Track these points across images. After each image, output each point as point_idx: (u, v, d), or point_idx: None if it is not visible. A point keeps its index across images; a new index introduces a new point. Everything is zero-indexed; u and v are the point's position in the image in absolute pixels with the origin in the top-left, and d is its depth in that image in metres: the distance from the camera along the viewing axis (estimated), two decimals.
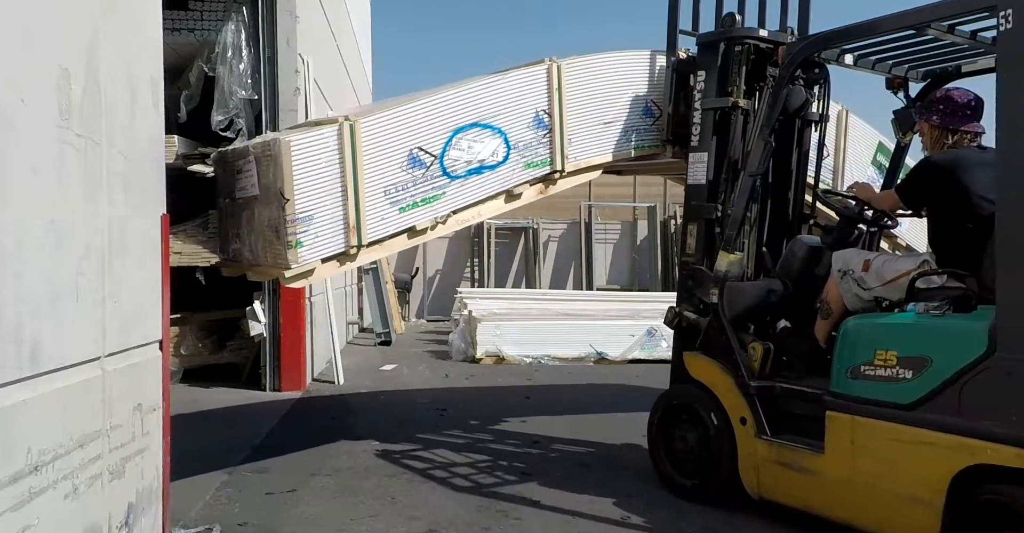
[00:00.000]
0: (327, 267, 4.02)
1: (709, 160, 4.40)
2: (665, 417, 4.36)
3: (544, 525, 3.78)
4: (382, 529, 3.72)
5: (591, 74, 4.67)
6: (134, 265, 2.89)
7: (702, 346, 4.17)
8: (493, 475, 4.60)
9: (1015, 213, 2.93)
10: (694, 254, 4.42)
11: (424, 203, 4.20)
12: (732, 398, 3.92)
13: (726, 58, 4.37)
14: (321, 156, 3.89)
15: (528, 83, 4.49)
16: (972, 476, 2.96)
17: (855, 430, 3.37)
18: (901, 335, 3.31)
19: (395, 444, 5.35)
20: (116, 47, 2.73)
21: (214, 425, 6.01)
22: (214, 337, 8.12)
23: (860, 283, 3.67)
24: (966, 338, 3.06)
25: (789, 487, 3.67)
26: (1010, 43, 2.96)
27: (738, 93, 4.35)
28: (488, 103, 4.37)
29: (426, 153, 4.17)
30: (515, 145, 4.44)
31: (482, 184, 4.37)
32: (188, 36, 7.29)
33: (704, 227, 4.40)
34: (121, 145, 2.75)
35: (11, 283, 2.07)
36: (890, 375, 3.28)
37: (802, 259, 4.15)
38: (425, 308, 16.34)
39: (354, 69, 12.83)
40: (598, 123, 4.67)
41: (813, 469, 3.53)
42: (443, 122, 4.24)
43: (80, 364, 2.46)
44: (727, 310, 4.06)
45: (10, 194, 2.07)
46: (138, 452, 2.89)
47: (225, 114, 7.11)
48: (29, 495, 2.13)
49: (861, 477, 3.34)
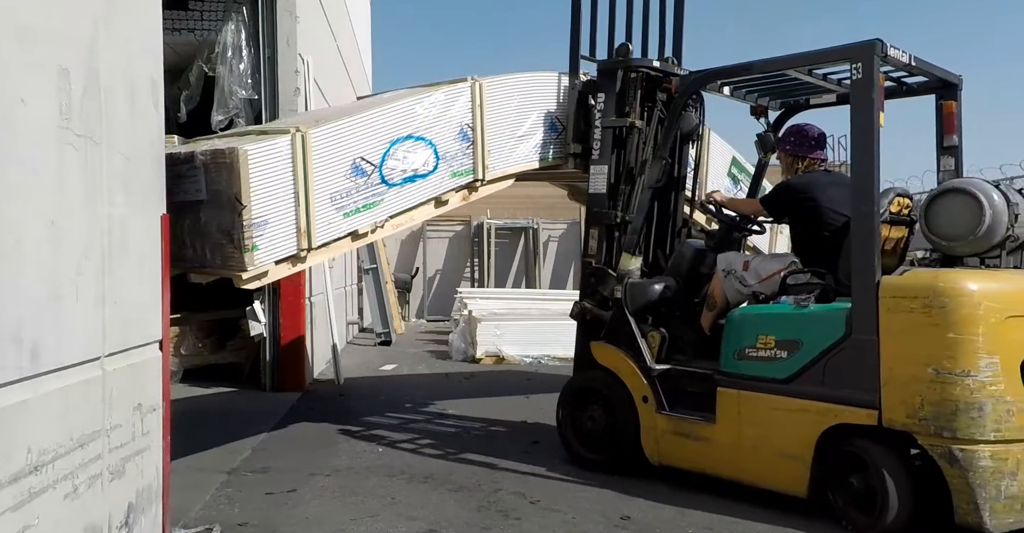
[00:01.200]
0: (280, 268, 4.26)
1: (609, 172, 4.99)
2: (573, 400, 4.90)
3: (544, 525, 3.78)
4: (382, 529, 3.72)
5: (508, 92, 5.16)
6: (134, 265, 2.89)
7: (607, 336, 4.74)
8: (493, 475, 4.60)
9: (863, 224, 3.76)
10: (596, 255, 4.98)
11: (365, 209, 4.52)
12: (635, 380, 4.53)
13: (624, 83, 4.98)
14: (276, 164, 4.12)
15: (455, 99, 4.91)
16: (833, 434, 3.71)
17: (741, 402, 4.07)
18: (778, 322, 4.02)
19: (395, 444, 5.35)
20: (116, 47, 2.73)
21: (214, 425, 6.00)
22: (214, 337, 8.12)
23: (741, 281, 4.43)
24: (829, 324, 3.81)
25: (685, 453, 4.32)
26: (859, 89, 3.83)
27: (634, 114, 4.97)
28: (421, 117, 4.75)
29: (367, 162, 4.50)
30: (443, 156, 4.84)
31: (415, 191, 4.75)
32: (188, 36, 7.29)
33: (605, 231, 4.98)
34: (121, 145, 2.75)
35: (11, 283, 2.07)
36: (769, 355, 4.00)
37: (690, 259, 4.88)
38: (425, 308, 16.34)
39: (354, 69, 12.83)
40: (513, 136, 5.17)
41: (706, 437, 4.20)
42: (383, 133, 4.58)
43: (80, 364, 2.46)
44: (630, 304, 4.65)
45: (10, 194, 2.07)
46: (138, 452, 2.89)
47: (225, 114, 7.11)
48: (29, 495, 2.13)
49: (747, 441, 4.03)
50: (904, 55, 4.00)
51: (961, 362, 3.41)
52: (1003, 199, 3.83)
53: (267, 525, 3.76)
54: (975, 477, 3.35)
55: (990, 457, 3.36)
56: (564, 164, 5.40)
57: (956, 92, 4.48)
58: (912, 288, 3.58)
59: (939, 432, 3.43)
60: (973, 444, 3.37)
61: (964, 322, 3.42)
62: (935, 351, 3.46)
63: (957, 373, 3.40)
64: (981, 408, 3.38)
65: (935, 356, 3.46)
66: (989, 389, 3.39)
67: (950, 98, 4.46)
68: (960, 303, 3.44)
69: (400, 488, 4.34)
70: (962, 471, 3.37)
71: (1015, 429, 3.41)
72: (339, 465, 4.81)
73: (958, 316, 3.43)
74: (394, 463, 4.86)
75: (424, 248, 16.58)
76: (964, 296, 3.45)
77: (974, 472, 3.35)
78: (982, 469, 3.35)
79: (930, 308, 3.48)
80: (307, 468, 4.73)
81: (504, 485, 4.41)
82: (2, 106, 2.04)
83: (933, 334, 3.47)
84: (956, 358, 3.42)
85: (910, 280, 3.67)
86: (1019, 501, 3.41)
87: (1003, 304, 3.50)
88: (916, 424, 3.48)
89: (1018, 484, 3.40)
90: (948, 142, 4.48)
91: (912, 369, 3.51)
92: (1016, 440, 3.42)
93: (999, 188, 3.89)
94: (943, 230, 3.93)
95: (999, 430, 3.38)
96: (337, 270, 10.11)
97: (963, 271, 3.84)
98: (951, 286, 3.49)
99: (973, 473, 3.35)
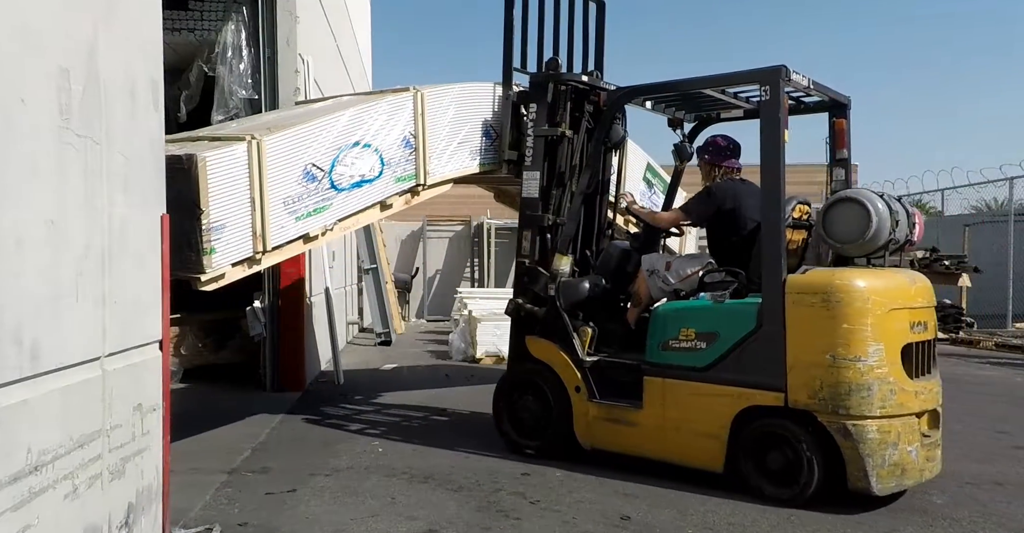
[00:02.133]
0: (236, 270, 4.39)
1: (541, 178, 5.27)
2: (509, 392, 5.23)
3: (544, 525, 3.78)
4: (382, 529, 3.72)
5: (447, 101, 5.46)
6: (134, 265, 2.89)
7: (541, 331, 5.08)
8: (493, 475, 4.60)
9: (771, 228, 4.24)
10: (529, 255, 5.26)
11: (316, 213, 4.74)
12: (568, 371, 4.89)
13: (554, 95, 5.28)
14: (232, 171, 4.28)
15: (399, 108, 5.20)
16: (746, 415, 4.19)
17: (665, 389, 4.51)
18: (698, 316, 4.46)
19: (395, 444, 5.35)
20: (116, 47, 2.73)
21: (214, 425, 6.00)
22: (214, 337, 8.12)
23: (664, 280, 4.85)
24: (742, 317, 4.27)
25: (615, 437, 4.72)
26: (767, 108, 4.31)
27: (564, 124, 5.28)
28: (367, 125, 5.01)
29: (318, 168, 4.72)
30: (388, 162, 5.12)
31: (362, 196, 5.00)
32: (188, 36, 7.29)
33: (537, 233, 5.27)
34: (121, 145, 2.75)
35: (11, 283, 2.06)
36: (690, 346, 4.43)
37: (616, 260, 5.27)
38: (425, 308, 16.34)
39: (354, 69, 12.82)
40: (452, 143, 5.49)
41: (634, 421, 4.61)
42: (332, 141, 4.81)
43: (80, 364, 2.46)
44: (562, 301, 5.00)
45: (10, 194, 2.07)
46: (138, 452, 2.89)
47: (225, 114, 7.10)
48: (29, 495, 2.13)
49: (670, 423, 4.47)
50: (804, 79, 4.50)
51: (853, 349, 3.94)
52: (886, 207, 4.35)
53: (267, 525, 3.76)
54: (864, 448, 3.89)
55: (877, 430, 3.91)
56: (499, 170, 5.68)
57: (846, 111, 4.96)
58: (813, 285, 4.09)
59: (835, 410, 3.95)
60: (863, 419, 3.92)
61: (856, 314, 3.95)
62: (832, 340, 3.97)
63: (850, 359, 3.94)
64: (870, 388, 3.92)
65: (832, 344, 3.97)
66: (876, 372, 3.94)
67: (840, 116, 4.96)
68: (853, 298, 3.97)
69: (400, 488, 4.34)
70: (854, 443, 3.90)
71: (897, 406, 3.98)
72: (339, 465, 4.81)
73: (851, 309, 3.95)
74: (394, 463, 4.86)
75: (424, 248, 16.58)
76: (856, 292, 3.98)
77: (864, 443, 3.89)
78: (870, 441, 3.90)
79: (828, 303, 3.99)
80: (307, 468, 4.73)
81: (504, 485, 4.41)
82: (2, 106, 2.04)
83: (830, 325, 3.98)
84: (849, 346, 3.94)
85: (811, 278, 4.16)
86: (900, 468, 3.97)
87: (887, 298, 4.03)
88: (816, 404, 4.00)
89: (899, 453, 3.96)
90: (839, 155, 4.99)
91: (813, 356, 4.02)
92: (898, 415, 3.98)
93: (883, 198, 4.40)
94: (837, 234, 4.41)
95: (884, 407, 3.94)
96: (337, 270, 10.11)
97: (855, 270, 4.30)
98: (845, 283, 4.02)
99: (863, 444, 3.89)
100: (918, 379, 4.14)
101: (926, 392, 4.16)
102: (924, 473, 4.13)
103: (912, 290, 4.26)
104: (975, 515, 3.99)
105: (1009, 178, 13.79)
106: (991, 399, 7.49)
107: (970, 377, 8.92)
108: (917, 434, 4.06)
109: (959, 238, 14.88)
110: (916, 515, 3.98)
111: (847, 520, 3.88)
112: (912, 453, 4.02)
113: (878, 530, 3.76)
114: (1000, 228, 14.25)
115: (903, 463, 3.98)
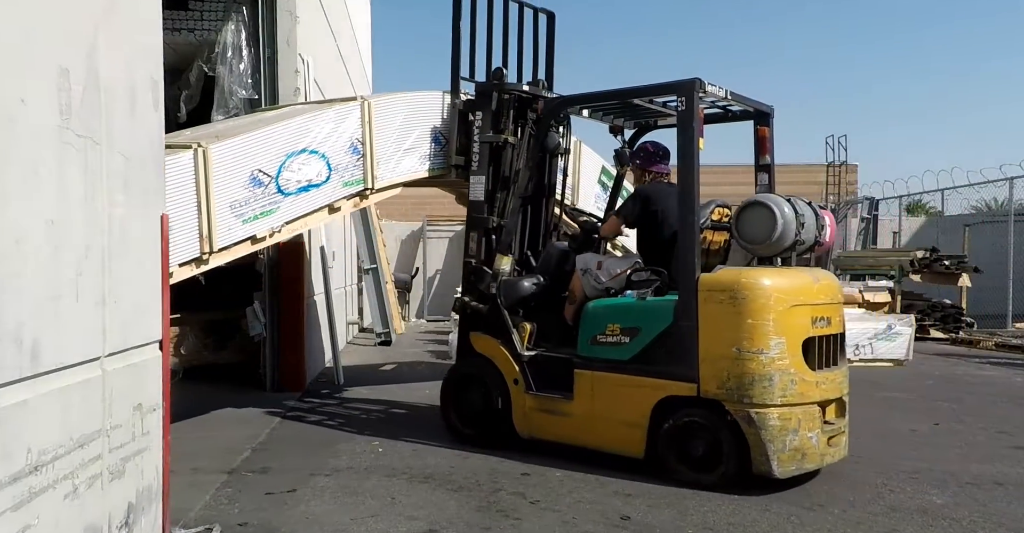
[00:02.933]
0: (183, 270, 4.57)
1: (486, 182, 5.56)
2: (455, 384, 5.56)
3: (544, 525, 3.78)
4: (382, 529, 3.72)
5: (395, 110, 5.76)
6: (134, 265, 2.89)
7: (484, 327, 5.39)
8: (493, 475, 4.60)
9: (686, 230, 4.53)
10: (475, 255, 5.58)
11: (263, 216, 4.99)
12: (508, 365, 5.20)
13: (498, 103, 5.57)
14: (179, 177, 4.50)
15: (345, 116, 5.48)
16: (665, 404, 4.49)
17: (594, 381, 4.80)
18: (623, 313, 4.77)
19: (395, 444, 5.35)
20: (116, 47, 2.73)
21: (214, 425, 6.01)
22: (214, 337, 8.10)
23: (596, 278, 5.08)
24: (661, 313, 4.57)
25: (549, 426, 5.02)
26: (683, 118, 4.61)
27: (508, 131, 5.59)
28: (315, 132, 5.30)
29: (265, 174, 4.98)
30: (335, 167, 5.39)
31: (309, 200, 5.28)
32: (188, 36, 7.28)
33: (483, 234, 5.57)
34: (121, 145, 2.75)
35: (11, 283, 2.06)
36: (615, 341, 4.73)
37: (556, 260, 5.54)
38: (425, 308, 16.33)
39: (354, 69, 12.82)
40: (399, 149, 5.78)
41: (566, 411, 4.92)
42: (279, 148, 5.09)
43: (80, 364, 2.46)
44: (503, 299, 5.29)
45: (10, 194, 2.07)
46: (138, 452, 2.89)
47: (225, 114, 7.10)
48: (29, 495, 2.13)
49: (598, 413, 4.77)
50: (721, 90, 4.77)
51: (757, 343, 4.24)
52: (792, 211, 4.64)
53: (267, 525, 3.76)
54: (766, 434, 4.20)
55: (778, 418, 4.22)
56: (449, 174, 6.02)
57: (768, 119, 5.22)
58: (722, 283, 4.37)
59: (740, 399, 4.26)
60: (765, 408, 4.22)
61: (759, 310, 4.25)
62: (738, 334, 4.27)
63: (753, 351, 4.24)
64: (771, 379, 4.22)
65: (738, 338, 4.27)
66: (777, 364, 4.24)
67: (764, 124, 5.22)
68: (756, 295, 4.27)
69: (400, 488, 4.34)
70: (756, 429, 4.21)
71: (797, 395, 4.28)
72: (339, 465, 4.81)
73: (755, 306, 4.26)
74: (394, 463, 4.86)
75: (424, 248, 16.58)
76: (759, 289, 4.28)
77: (765, 430, 4.20)
78: (771, 427, 4.20)
79: (734, 300, 4.30)
80: (307, 468, 4.73)
81: (504, 485, 4.41)
82: (2, 106, 2.04)
83: (736, 321, 4.28)
84: (753, 339, 4.25)
85: (721, 277, 4.44)
86: (800, 453, 4.27)
87: (789, 296, 4.34)
88: (724, 393, 4.31)
89: (799, 439, 4.26)
90: (763, 161, 5.24)
91: (721, 349, 4.32)
92: (798, 404, 4.28)
93: (789, 202, 4.69)
94: (748, 236, 4.74)
95: (785, 396, 4.24)
96: (337, 270, 10.11)
97: (760, 269, 4.58)
98: (750, 281, 4.32)
99: (764, 431, 4.20)
100: (821, 370, 4.42)
101: (828, 382, 4.45)
102: (826, 458, 4.43)
103: (815, 288, 4.52)
104: (975, 515, 3.99)
105: (1009, 178, 13.80)
106: (991, 399, 7.49)
107: (970, 377, 8.93)
108: (818, 422, 4.35)
109: (959, 238, 14.89)
110: (916, 515, 3.97)
111: (847, 520, 3.88)
112: (813, 439, 4.31)
113: (878, 530, 3.76)
114: (1000, 228, 14.25)
115: (803, 448, 4.27)
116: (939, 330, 12.93)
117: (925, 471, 4.79)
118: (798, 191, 5.05)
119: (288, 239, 7.44)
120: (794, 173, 23.38)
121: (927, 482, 4.56)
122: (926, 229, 18.01)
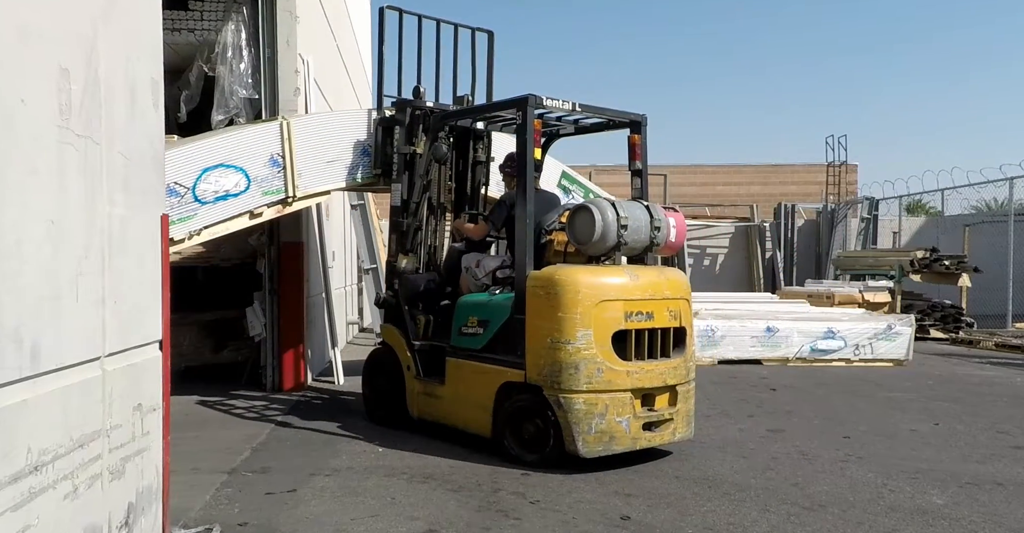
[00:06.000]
0: None
1: (402, 188, 6.15)
2: (370, 369, 6.28)
3: (544, 525, 3.78)
4: (382, 529, 3.72)
5: (316, 127, 6.39)
6: (134, 265, 2.89)
7: (389, 319, 6.12)
8: (493, 475, 4.60)
9: (520, 231, 4.99)
10: (393, 255, 6.17)
11: (181, 221, 5.57)
12: (404, 354, 5.86)
13: (412, 118, 6.17)
14: None
15: (264, 135, 6.12)
16: (504, 389, 4.99)
17: (458, 368, 5.38)
18: (478, 307, 5.31)
19: (395, 444, 5.35)
20: (116, 47, 2.73)
21: (214, 425, 6.01)
22: (214, 337, 8.11)
23: (474, 275, 5.67)
24: (504, 307, 5.06)
25: (431, 409, 5.64)
26: (520, 130, 5.11)
27: (418, 143, 6.14)
28: (230, 149, 5.92)
29: (181, 186, 5.59)
30: (255, 178, 6.00)
31: (227, 207, 5.87)
32: (188, 36, 7.29)
33: (399, 237, 6.11)
34: (121, 145, 2.75)
35: (11, 283, 2.06)
36: (473, 332, 5.27)
37: (453, 259, 6.12)
38: None
39: (354, 69, 12.82)
40: (322, 161, 6.38)
41: (441, 395, 5.51)
42: (194, 164, 5.70)
43: (80, 364, 2.46)
44: (402, 294, 5.95)
45: (10, 194, 2.07)
46: (138, 452, 2.89)
47: (225, 114, 7.11)
48: (29, 495, 2.13)
49: (460, 396, 5.34)
50: (566, 104, 5.18)
51: (566, 334, 4.64)
52: (615, 215, 4.92)
53: (267, 525, 3.76)
54: (572, 417, 4.62)
55: (583, 402, 4.63)
56: (378, 182, 6.55)
57: (640, 128, 5.52)
58: (541, 280, 4.80)
59: (553, 385, 4.69)
60: (572, 393, 4.64)
61: (568, 304, 4.66)
62: (551, 326, 4.69)
63: (563, 341, 4.65)
64: (577, 367, 4.63)
65: (551, 329, 4.69)
66: (583, 353, 4.64)
67: (636, 132, 5.53)
68: (566, 290, 4.68)
69: (400, 488, 4.34)
70: (565, 413, 4.64)
71: (604, 382, 4.67)
72: (339, 465, 4.82)
73: (564, 300, 4.67)
74: (394, 463, 4.86)
75: None
76: (569, 285, 4.69)
77: (572, 413, 4.62)
78: (576, 411, 4.63)
79: (550, 294, 4.73)
80: (307, 468, 4.73)
81: (504, 485, 4.41)
82: (2, 106, 2.04)
83: (551, 313, 4.71)
84: (562, 331, 4.65)
85: (542, 273, 4.85)
86: (608, 435, 4.67)
87: (598, 292, 4.71)
88: (541, 379, 4.74)
89: (606, 422, 4.66)
90: (634, 167, 5.54)
91: (541, 340, 4.75)
92: (605, 391, 4.67)
93: (614, 206, 4.98)
94: (577, 236, 5.06)
95: (590, 383, 4.65)
96: (337, 270, 10.11)
97: (576, 267, 4.95)
98: (562, 278, 4.73)
99: (571, 414, 4.62)
100: (638, 361, 4.78)
101: (646, 372, 4.80)
102: (639, 442, 4.80)
103: (631, 285, 4.86)
104: (975, 515, 3.99)
105: (1009, 178, 13.80)
106: (991, 399, 7.49)
107: (970, 377, 8.92)
108: (629, 408, 4.72)
109: (959, 238, 14.89)
110: (916, 515, 3.97)
111: (847, 520, 3.88)
112: (623, 424, 4.69)
113: (878, 530, 3.76)
114: (1000, 228, 14.24)
115: (611, 432, 4.67)
116: (939, 330, 12.93)
117: (925, 471, 4.79)
118: (798, 191, 5.09)
119: (288, 240, 7.51)
120: (794, 173, 23.41)
121: (927, 482, 4.56)
122: (926, 229, 18.01)
